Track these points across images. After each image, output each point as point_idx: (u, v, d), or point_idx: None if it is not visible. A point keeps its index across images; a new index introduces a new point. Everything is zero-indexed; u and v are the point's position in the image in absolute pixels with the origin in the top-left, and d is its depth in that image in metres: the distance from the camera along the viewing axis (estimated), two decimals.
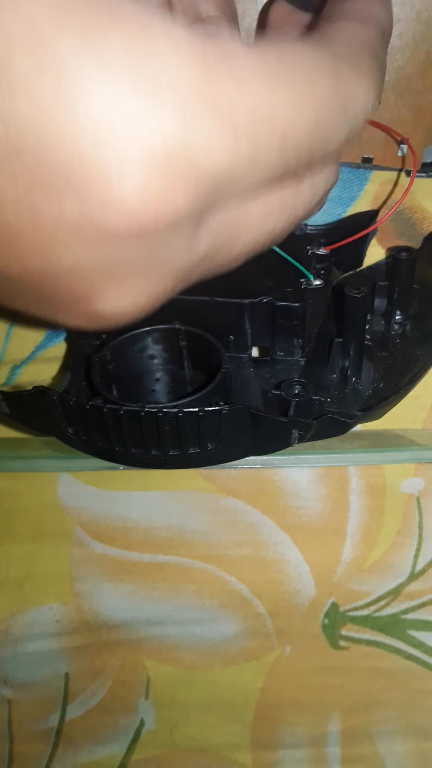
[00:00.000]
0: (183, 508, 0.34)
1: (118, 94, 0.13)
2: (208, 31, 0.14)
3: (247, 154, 0.14)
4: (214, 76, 0.13)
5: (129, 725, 0.37)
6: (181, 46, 0.13)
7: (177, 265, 0.16)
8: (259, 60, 0.14)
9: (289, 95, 0.15)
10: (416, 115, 0.29)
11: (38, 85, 0.12)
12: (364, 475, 0.33)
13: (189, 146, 0.13)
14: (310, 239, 0.30)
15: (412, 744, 0.36)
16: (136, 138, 0.13)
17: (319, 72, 0.15)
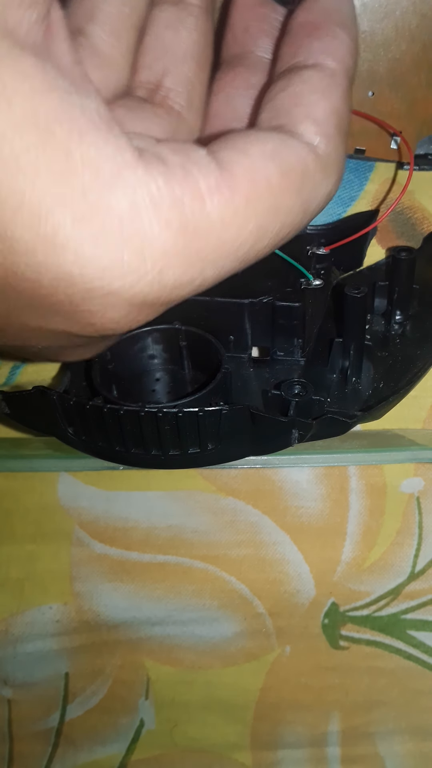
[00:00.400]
0: (183, 508, 0.34)
1: (109, 262, 0.15)
2: (190, 174, 0.15)
3: (212, 278, 0.17)
4: (190, 235, 0.15)
5: (129, 725, 0.37)
6: (167, 209, 0.15)
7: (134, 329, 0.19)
8: (230, 202, 0.16)
9: (255, 227, 0.16)
10: (410, 107, 0.29)
11: (36, 250, 0.14)
12: (364, 475, 0.33)
13: (163, 291, 0.16)
14: (310, 239, 0.30)
15: (412, 744, 0.36)
16: (121, 293, 0.15)
17: (286, 191, 0.17)
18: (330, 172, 0.18)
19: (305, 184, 0.17)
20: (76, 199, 0.14)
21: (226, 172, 0.16)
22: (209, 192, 0.16)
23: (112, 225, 0.15)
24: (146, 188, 0.15)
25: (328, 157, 0.18)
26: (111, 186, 0.15)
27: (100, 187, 0.14)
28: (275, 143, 0.17)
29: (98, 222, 0.14)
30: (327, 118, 0.18)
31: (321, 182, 0.18)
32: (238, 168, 0.16)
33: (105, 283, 0.15)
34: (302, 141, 0.18)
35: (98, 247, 0.15)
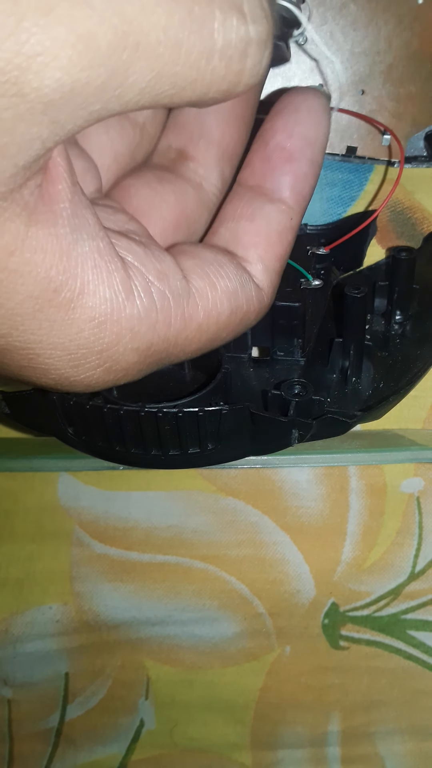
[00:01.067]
0: (183, 508, 0.34)
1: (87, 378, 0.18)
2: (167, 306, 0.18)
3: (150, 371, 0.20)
4: (150, 353, 0.18)
5: (129, 725, 0.37)
6: (139, 338, 0.18)
7: None
8: (183, 331, 0.18)
9: (197, 349, 0.19)
10: (399, 104, 0.29)
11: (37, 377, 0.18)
12: (364, 475, 0.33)
13: (116, 382, 0.19)
14: (309, 239, 0.30)
15: (412, 744, 0.36)
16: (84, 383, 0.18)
17: (228, 326, 0.20)
18: (262, 312, 0.21)
19: (242, 323, 0.20)
20: (70, 343, 0.17)
21: (192, 302, 0.18)
22: (175, 320, 0.18)
23: (97, 361, 0.17)
24: (129, 323, 0.17)
25: (266, 303, 0.21)
26: (103, 326, 0.17)
27: (96, 330, 0.17)
28: (236, 285, 0.19)
29: (83, 358, 0.17)
30: (275, 264, 0.21)
31: (252, 321, 0.20)
32: (203, 301, 0.19)
33: (75, 383, 0.18)
34: (254, 283, 0.20)
35: (78, 374, 0.18)
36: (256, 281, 0.20)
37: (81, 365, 0.17)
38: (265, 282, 0.20)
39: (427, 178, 0.31)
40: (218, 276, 0.19)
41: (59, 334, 0.16)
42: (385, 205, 0.31)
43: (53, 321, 0.16)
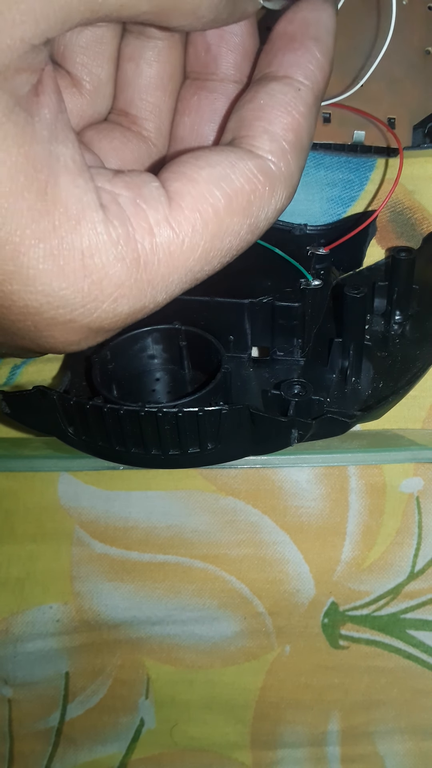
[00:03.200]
0: (183, 508, 0.34)
1: (72, 293, 0.17)
2: (141, 209, 0.17)
3: (163, 300, 0.18)
4: (142, 268, 0.17)
5: (129, 725, 0.37)
6: (121, 246, 0.17)
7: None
8: (178, 234, 0.17)
9: (203, 251, 0.18)
10: (396, 97, 0.29)
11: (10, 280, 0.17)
12: (363, 474, 0.33)
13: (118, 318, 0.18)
14: (309, 239, 0.30)
15: (412, 743, 0.36)
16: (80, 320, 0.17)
17: (234, 214, 0.18)
18: (279, 189, 0.19)
19: (253, 205, 0.18)
20: (49, 235, 0.16)
21: (174, 204, 0.17)
22: (157, 225, 0.17)
23: (76, 259, 0.17)
24: (104, 227, 0.17)
25: (279, 172, 0.19)
26: (77, 224, 0.17)
27: (68, 224, 0.17)
28: (224, 167, 0.18)
29: (65, 256, 0.17)
30: (284, 133, 0.19)
31: (270, 200, 0.19)
32: (186, 198, 0.18)
33: (67, 311, 0.17)
34: (255, 156, 0.18)
35: (63, 279, 0.17)
36: (260, 152, 0.19)
37: (65, 271, 0.17)
38: (274, 152, 0.19)
39: (428, 178, 0.31)
40: (198, 167, 0.18)
41: (36, 226, 0.16)
42: (385, 206, 0.31)
43: (32, 210, 0.16)
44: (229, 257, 0.19)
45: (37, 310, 0.17)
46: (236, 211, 0.18)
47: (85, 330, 0.18)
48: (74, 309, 0.17)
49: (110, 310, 0.17)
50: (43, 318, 0.17)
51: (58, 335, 0.18)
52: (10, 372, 0.34)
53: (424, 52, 0.29)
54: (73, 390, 0.29)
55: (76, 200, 0.17)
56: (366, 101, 0.29)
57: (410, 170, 0.31)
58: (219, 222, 0.18)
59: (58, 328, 0.18)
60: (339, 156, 0.31)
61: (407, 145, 0.30)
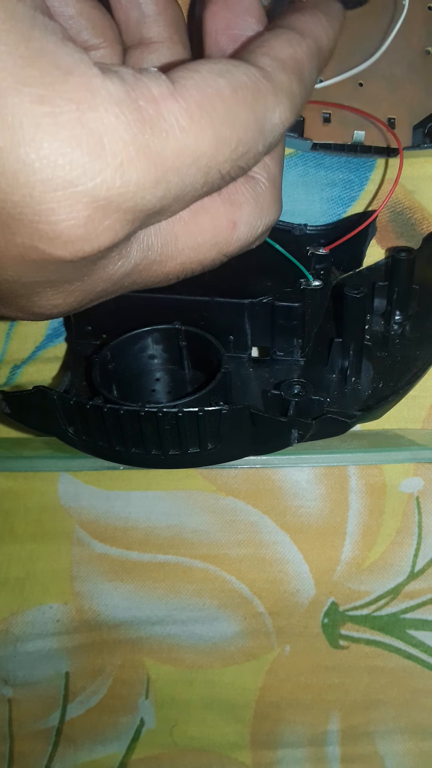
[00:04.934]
0: (183, 508, 0.34)
1: (68, 146, 0.15)
2: (141, 81, 0.16)
3: (176, 188, 0.17)
4: (148, 131, 0.16)
5: (129, 724, 0.37)
6: (122, 103, 0.15)
7: (109, 274, 0.19)
8: (185, 109, 0.16)
9: (212, 135, 0.17)
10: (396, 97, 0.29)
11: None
12: (363, 474, 0.33)
13: (127, 189, 0.16)
14: (309, 239, 0.30)
15: (412, 743, 0.36)
16: (83, 184, 0.15)
17: (239, 104, 0.17)
18: (282, 97, 0.18)
19: (257, 102, 0.18)
20: (34, 80, 0.15)
21: (178, 84, 0.17)
22: (162, 97, 0.16)
23: (69, 108, 0.15)
24: (101, 82, 0.15)
25: (280, 83, 0.18)
26: (67, 74, 0.15)
27: (58, 72, 0.15)
28: (226, 64, 0.18)
29: (55, 103, 0.15)
30: (285, 58, 0.19)
31: (274, 104, 0.18)
32: (188, 81, 0.17)
33: (65, 169, 0.15)
34: (255, 66, 0.18)
35: (55, 127, 0.15)
36: (261, 65, 0.18)
37: (58, 121, 0.15)
38: (275, 67, 0.19)
39: (428, 178, 0.31)
40: (198, 63, 0.17)
41: (20, 71, 0.15)
42: (385, 206, 0.31)
43: (12, 55, 0.15)
44: (238, 156, 0.18)
45: (30, 168, 0.15)
46: (242, 101, 0.17)
47: (90, 202, 0.16)
48: (73, 166, 0.15)
49: (117, 175, 0.16)
50: (38, 179, 0.15)
51: (59, 209, 0.15)
52: (10, 372, 0.34)
53: (424, 52, 0.29)
54: (73, 390, 0.29)
55: (66, 54, 0.15)
56: (366, 101, 0.29)
57: (410, 170, 0.31)
58: (226, 107, 0.17)
59: (57, 197, 0.15)
60: (339, 156, 0.31)
61: (407, 145, 0.30)
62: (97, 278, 0.19)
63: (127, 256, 0.19)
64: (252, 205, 0.21)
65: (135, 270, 0.19)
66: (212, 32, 0.22)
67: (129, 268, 0.19)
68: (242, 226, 0.20)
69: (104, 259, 0.18)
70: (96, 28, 0.22)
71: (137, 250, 0.19)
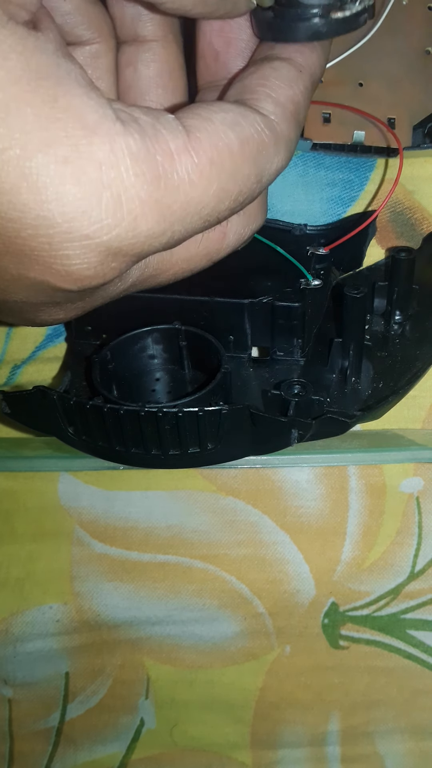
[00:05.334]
0: (183, 508, 0.34)
1: (88, 205, 0.16)
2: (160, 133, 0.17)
3: (179, 233, 0.18)
4: (162, 187, 0.17)
5: (129, 724, 0.37)
6: (141, 161, 0.16)
7: (109, 294, 0.20)
8: (197, 165, 0.17)
9: (217, 189, 0.18)
10: (396, 97, 0.29)
11: (20, 190, 0.16)
12: (363, 474, 0.33)
13: (137, 240, 0.17)
14: (309, 239, 0.30)
15: (412, 743, 0.36)
16: (98, 238, 0.17)
17: (245, 159, 0.18)
18: (282, 148, 0.20)
19: (260, 155, 0.19)
20: (60, 141, 0.16)
21: (193, 136, 0.17)
22: (177, 152, 0.17)
23: (92, 169, 0.16)
24: (123, 140, 0.16)
25: (282, 133, 0.20)
26: (92, 133, 0.16)
27: (82, 133, 0.16)
28: (236, 114, 0.19)
29: (79, 165, 0.16)
30: (286, 102, 0.20)
31: (274, 156, 0.19)
32: (203, 133, 0.18)
33: (84, 224, 0.16)
34: (261, 114, 0.19)
35: (79, 187, 0.16)
36: (265, 112, 0.19)
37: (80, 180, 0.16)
38: (277, 114, 0.19)
39: (428, 178, 0.31)
40: (211, 111, 0.18)
41: (45, 133, 0.15)
42: (385, 206, 0.31)
43: (38, 116, 0.15)
44: (237, 204, 0.19)
45: (51, 222, 0.16)
46: (247, 157, 0.18)
47: (103, 251, 0.17)
48: (92, 222, 0.16)
49: (130, 228, 0.17)
50: (58, 231, 0.16)
51: (74, 256, 0.17)
52: (10, 372, 0.34)
53: (424, 52, 0.29)
54: (73, 390, 0.29)
55: (91, 110, 0.16)
56: (366, 101, 0.29)
57: (410, 170, 0.31)
58: (233, 162, 0.18)
59: (74, 246, 0.16)
60: (339, 156, 0.31)
61: (407, 145, 0.30)
62: (96, 297, 0.20)
63: (126, 278, 0.20)
64: (240, 215, 0.22)
65: (132, 286, 0.21)
66: (206, 33, 0.23)
67: (127, 286, 0.20)
68: (231, 235, 0.22)
69: (105, 287, 0.19)
70: (91, 24, 0.22)
71: (136, 270, 0.20)
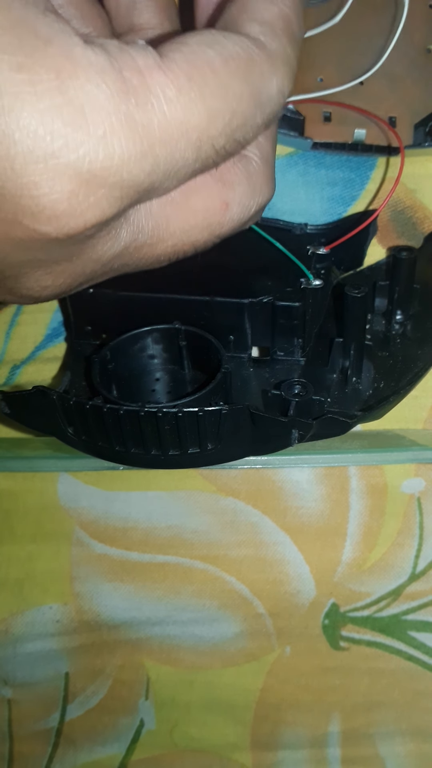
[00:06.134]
0: (183, 508, 0.34)
1: (49, 115, 0.14)
2: (126, 52, 0.16)
3: (165, 161, 0.16)
4: (132, 102, 0.15)
5: (129, 725, 0.37)
6: (104, 72, 0.15)
7: (98, 255, 0.18)
8: (172, 80, 0.16)
9: (203, 108, 0.16)
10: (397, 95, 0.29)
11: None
12: (364, 475, 0.33)
13: (111, 162, 0.15)
14: (310, 239, 0.30)
15: (413, 745, 0.36)
16: (65, 156, 0.15)
17: (232, 75, 0.17)
18: (278, 65, 0.18)
19: (252, 72, 0.17)
20: (14, 48, 0.14)
21: (165, 57, 0.16)
22: (147, 68, 0.15)
23: (49, 76, 0.14)
24: (83, 51, 0.15)
25: (273, 49, 0.18)
26: (48, 43, 0.15)
27: (38, 42, 0.15)
28: (215, 35, 0.17)
29: (35, 71, 0.14)
30: (273, 19, 0.18)
31: (269, 74, 0.18)
32: (176, 53, 0.16)
33: (46, 142, 0.15)
34: (246, 36, 0.18)
35: (35, 97, 0.14)
36: (251, 35, 0.18)
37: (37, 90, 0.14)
38: (265, 33, 0.18)
39: (429, 176, 0.31)
40: (186, 36, 0.17)
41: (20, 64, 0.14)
42: (386, 205, 0.31)
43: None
44: (232, 130, 0.17)
45: (11, 139, 0.14)
46: (234, 72, 0.17)
47: (73, 175, 0.15)
48: (54, 137, 0.15)
49: (100, 146, 0.15)
50: (20, 151, 0.14)
51: (41, 183, 0.15)
52: (10, 372, 0.34)
53: (425, 51, 0.29)
54: (73, 390, 0.29)
55: (46, 24, 0.15)
56: (367, 100, 0.29)
57: (411, 169, 0.30)
58: (217, 78, 0.16)
59: (39, 170, 0.15)
60: (340, 155, 0.31)
61: (408, 144, 0.29)
62: (86, 258, 0.18)
63: (117, 237, 0.18)
64: (245, 185, 0.20)
65: (125, 252, 0.19)
66: (203, 2, 0.22)
67: (119, 250, 0.18)
68: (235, 206, 0.20)
69: (92, 238, 0.17)
70: (85, 17, 0.22)
71: (127, 231, 0.18)
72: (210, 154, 0.17)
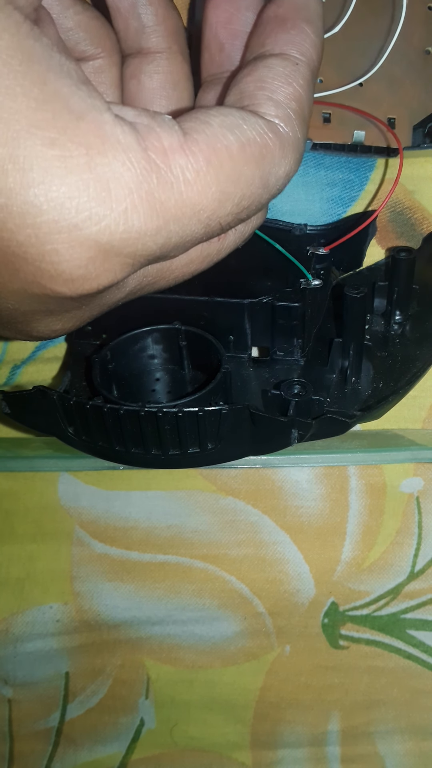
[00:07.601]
0: (183, 508, 0.34)
1: (75, 190, 0.15)
2: (153, 130, 0.16)
3: (177, 236, 0.17)
4: (153, 181, 0.16)
5: (129, 725, 0.37)
6: (130, 151, 0.16)
7: (105, 302, 0.19)
8: (192, 164, 0.17)
9: (216, 191, 0.17)
10: (396, 96, 0.29)
11: (6, 173, 0.15)
12: (363, 474, 0.33)
13: (129, 235, 0.16)
14: (309, 239, 0.30)
15: (412, 743, 0.36)
16: (87, 228, 0.16)
17: (246, 161, 0.18)
18: (288, 151, 0.19)
19: (264, 159, 0.18)
20: (48, 123, 0.15)
21: (189, 137, 0.17)
22: (171, 149, 0.16)
23: (79, 153, 0.15)
24: (112, 129, 0.16)
25: (287, 136, 0.19)
26: (80, 118, 0.15)
27: (70, 117, 0.15)
28: (236, 117, 0.18)
29: (66, 147, 0.15)
30: (288, 101, 0.19)
31: (280, 159, 0.19)
32: (200, 135, 0.17)
33: (71, 212, 0.15)
34: (263, 118, 0.18)
35: (65, 171, 0.15)
36: (268, 117, 0.19)
37: (67, 164, 0.15)
38: (281, 117, 0.19)
39: (428, 178, 0.31)
40: (210, 115, 0.18)
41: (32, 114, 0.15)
42: (385, 205, 0.31)
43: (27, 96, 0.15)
44: (240, 210, 0.18)
45: (38, 209, 0.15)
46: (249, 159, 0.18)
47: (93, 245, 0.16)
48: (79, 210, 0.15)
49: (121, 221, 0.16)
50: (45, 221, 0.15)
51: (62, 251, 0.16)
52: (10, 372, 0.34)
53: (424, 52, 0.29)
54: (73, 390, 0.29)
55: (79, 99, 0.16)
56: (366, 101, 0.29)
57: (410, 170, 0.31)
58: (233, 164, 0.17)
59: (62, 239, 0.16)
60: (339, 156, 0.31)
61: (407, 145, 0.30)
62: (94, 306, 0.19)
63: (124, 287, 0.19)
64: None
65: (130, 293, 0.20)
66: (213, 24, 0.22)
67: (124, 295, 0.20)
68: (230, 235, 0.21)
69: (102, 295, 0.19)
70: (94, 39, 0.22)
71: (133, 280, 0.19)
72: (216, 229, 0.18)
